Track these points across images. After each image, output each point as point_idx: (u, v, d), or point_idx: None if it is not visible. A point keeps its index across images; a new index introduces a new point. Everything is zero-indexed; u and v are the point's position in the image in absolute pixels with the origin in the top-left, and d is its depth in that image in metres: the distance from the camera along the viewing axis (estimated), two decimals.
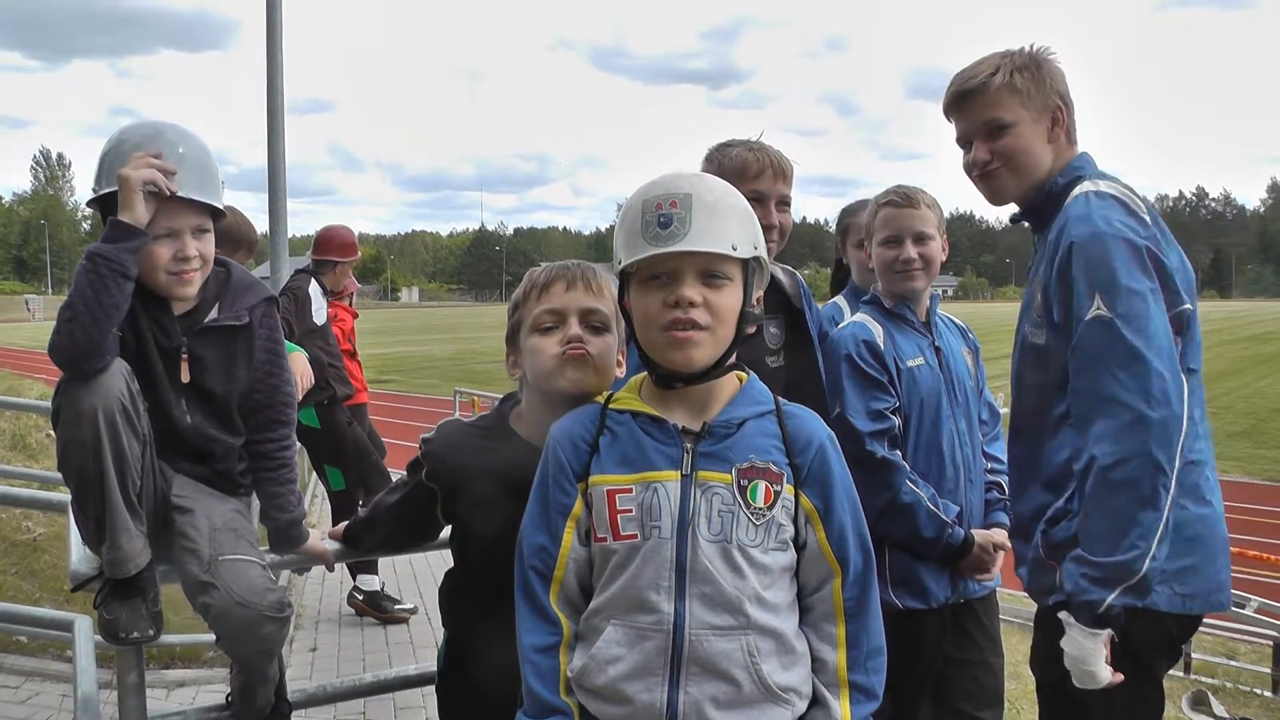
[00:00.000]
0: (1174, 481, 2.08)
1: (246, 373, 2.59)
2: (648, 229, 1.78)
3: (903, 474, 2.79)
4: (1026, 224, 2.54)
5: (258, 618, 2.36)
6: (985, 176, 2.47)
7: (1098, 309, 2.15)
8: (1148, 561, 2.08)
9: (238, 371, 2.58)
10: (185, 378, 2.50)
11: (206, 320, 2.53)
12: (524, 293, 2.24)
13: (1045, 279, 2.32)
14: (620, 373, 2.18)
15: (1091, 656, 2.14)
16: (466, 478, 2.20)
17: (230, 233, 5.09)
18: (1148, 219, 2.25)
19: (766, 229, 2.67)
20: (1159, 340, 2.13)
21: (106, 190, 2.38)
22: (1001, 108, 2.42)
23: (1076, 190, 2.34)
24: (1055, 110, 2.43)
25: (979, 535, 2.88)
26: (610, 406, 1.92)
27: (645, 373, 1.94)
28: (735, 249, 1.80)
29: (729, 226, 1.80)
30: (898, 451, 2.83)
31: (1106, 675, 2.14)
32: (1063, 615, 2.20)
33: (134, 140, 2.43)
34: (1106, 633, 2.14)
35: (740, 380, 1.93)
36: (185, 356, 2.50)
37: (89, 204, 2.48)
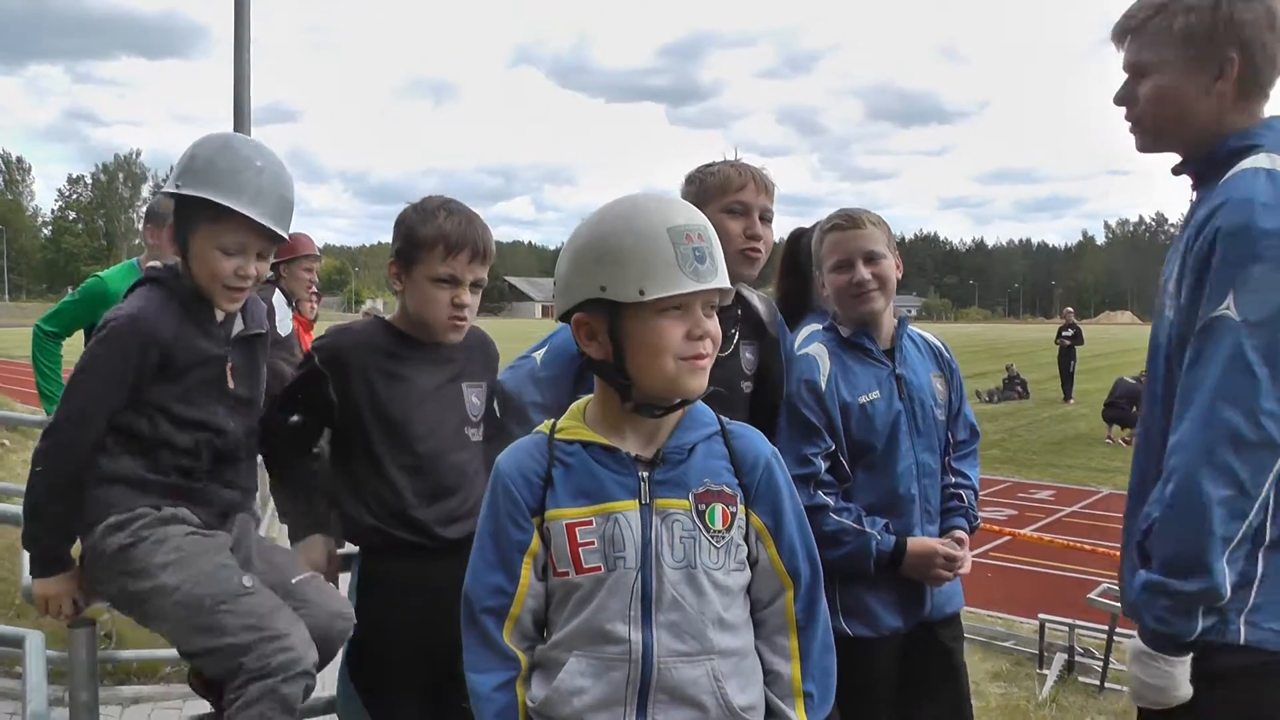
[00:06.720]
0: (1256, 507, 1.91)
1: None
2: (685, 262, 1.72)
3: (825, 511, 2.75)
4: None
5: (347, 625, 2.53)
6: (1129, 121, 2.27)
7: (1227, 308, 1.94)
8: (1228, 586, 1.92)
9: (260, 380, 2.69)
10: (231, 384, 2.56)
11: (237, 331, 2.60)
12: (431, 240, 2.56)
13: (1184, 254, 2.10)
14: None
15: (1178, 682, 2.00)
16: (362, 355, 2.62)
17: (159, 209, 5.01)
18: None
19: (751, 239, 2.67)
20: None
21: (170, 190, 2.50)
22: (1148, 49, 2.19)
23: (1246, 163, 2.06)
24: (1224, 61, 2.11)
25: (919, 541, 2.81)
26: (557, 437, 1.87)
27: (586, 399, 1.91)
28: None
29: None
30: (820, 492, 2.77)
31: (1189, 691, 2.00)
32: (1133, 644, 2.06)
33: (217, 153, 2.48)
34: (1190, 655, 1.99)
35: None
36: (230, 365, 2.56)
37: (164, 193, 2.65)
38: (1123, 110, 2.28)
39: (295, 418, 2.72)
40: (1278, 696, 2.02)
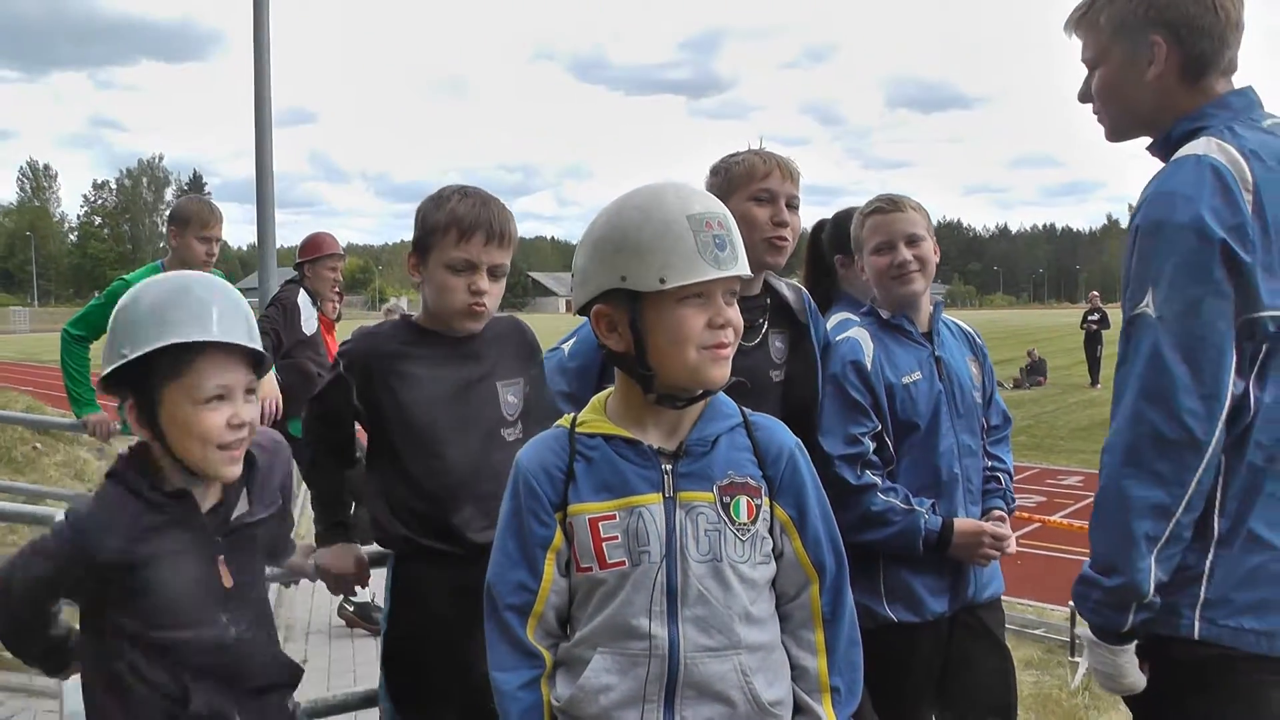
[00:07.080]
0: (1183, 505, 1.90)
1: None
2: (706, 250, 1.71)
3: (873, 490, 2.76)
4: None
5: None
6: (1095, 115, 2.27)
7: (1146, 305, 1.94)
8: (1151, 582, 1.92)
9: (279, 551, 2.39)
10: (228, 582, 2.04)
11: (238, 515, 2.07)
12: (444, 225, 2.46)
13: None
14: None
15: (1124, 670, 2.04)
16: (383, 359, 2.53)
17: (181, 211, 5.05)
18: (1248, 199, 1.91)
19: (779, 226, 2.65)
20: (1199, 353, 1.89)
21: (120, 363, 1.93)
22: (1089, 45, 2.20)
23: (1184, 149, 2.01)
24: (1151, 46, 2.08)
25: (966, 521, 2.83)
26: (578, 430, 1.85)
27: (606, 391, 1.90)
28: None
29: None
30: (868, 472, 2.79)
31: (1142, 680, 2.04)
32: (1083, 633, 2.10)
33: (151, 301, 1.95)
34: (1134, 643, 2.02)
35: None
36: (222, 560, 2.04)
37: (102, 380, 1.98)
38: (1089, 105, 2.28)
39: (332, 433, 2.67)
40: (1240, 691, 2.00)
